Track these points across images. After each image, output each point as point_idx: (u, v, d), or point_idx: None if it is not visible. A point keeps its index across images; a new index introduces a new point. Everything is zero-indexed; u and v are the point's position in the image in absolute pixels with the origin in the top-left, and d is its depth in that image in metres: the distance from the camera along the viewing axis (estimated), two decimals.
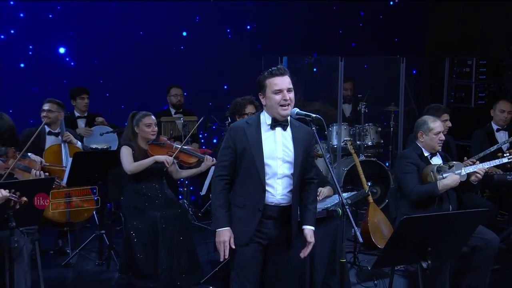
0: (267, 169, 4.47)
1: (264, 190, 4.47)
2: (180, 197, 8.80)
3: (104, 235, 7.22)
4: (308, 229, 4.57)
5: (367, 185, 7.18)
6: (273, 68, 4.52)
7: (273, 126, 4.50)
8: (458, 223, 4.48)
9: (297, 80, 9.55)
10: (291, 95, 4.46)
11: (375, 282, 6.39)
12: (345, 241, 4.75)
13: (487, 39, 10.14)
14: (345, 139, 8.48)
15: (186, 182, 9.01)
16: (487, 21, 10.19)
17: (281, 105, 4.44)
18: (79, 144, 7.61)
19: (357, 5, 11.19)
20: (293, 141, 4.53)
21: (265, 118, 4.53)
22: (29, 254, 5.97)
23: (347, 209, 4.32)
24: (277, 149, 4.50)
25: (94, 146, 7.92)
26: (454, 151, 7.13)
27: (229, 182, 4.58)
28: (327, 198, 6.29)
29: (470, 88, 9.77)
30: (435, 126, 5.93)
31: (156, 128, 6.87)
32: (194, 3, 10.17)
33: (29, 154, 6.84)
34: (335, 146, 8.81)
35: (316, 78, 10.29)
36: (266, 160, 4.47)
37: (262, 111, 4.62)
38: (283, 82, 4.44)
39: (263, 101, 4.55)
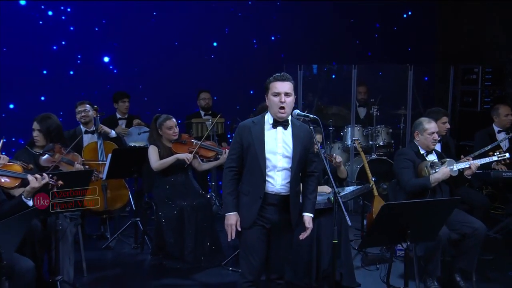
0: (268, 163, 4.63)
1: (265, 181, 4.62)
2: (209, 190, 8.94)
3: (139, 222, 7.42)
4: (307, 216, 4.71)
5: (372, 180, 7.17)
6: (277, 74, 4.69)
7: (274, 125, 4.65)
8: (432, 209, 4.62)
9: (316, 86, 9.64)
10: (288, 99, 4.59)
11: (377, 266, 6.46)
12: (354, 230, 4.98)
13: (493, 48, 10.06)
14: (353, 138, 8.47)
15: (216, 177, 9.03)
16: (493, 32, 10.09)
17: (279, 108, 4.59)
18: (113, 133, 7.78)
19: (373, 18, 11.19)
20: (292, 138, 4.66)
21: (268, 118, 4.69)
22: (73, 237, 6.20)
23: (338, 197, 4.45)
24: (278, 145, 4.64)
25: (132, 144, 8.09)
26: (453, 150, 7.13)
27: (237, 173, 4.74)
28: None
29: (476, 93, 9.82)
30: (429, 127, 6.00)
31: (177, 129, 7.03)
32: (224, 16, 10.26)
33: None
34: (349, 146, 8.87)
35: (334, 84, 10.21)
36: (267, 155, 4.62)
37: (267, 112, 4.76)
38: (282, 86, 4.59)
39: (267, 102, 4.72)
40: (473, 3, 10.49)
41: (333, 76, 10.32)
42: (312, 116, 4.70)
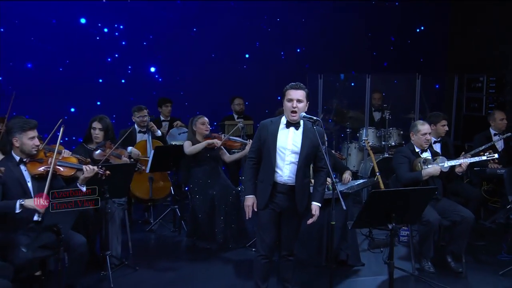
0: (278, 156, 4.82)
1: (274, 171, 4.83)
2: (240, 184, 8.88)
3: (177, 209, 7.61)
4: (314, 205, 4.87)
5: (377, 174, 7.13)
6: (292, 83, 4.88)
7: (287, 125, 4.84)
8: (413, 196, 4.75)
9: (336, 92, 9.76)
10: (300, 104, 4.77)
11: (382, 249, 6.58)
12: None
13: (496, 59, 9.99)
14: (363, 138, 8.44)
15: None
16: (497, 45, 10.01)
17: (291, 112, 4.78)
18: (159, 132, 7.95)
19: (388, 32, 11.20)
20: (302, 138, 4.83)
21: (283, 120, 4.89)
22: (120, 219, 6.43)
23: (336, 186, 4.66)
24: (288, 142, 4.82)
25: (173, 143, 8.22)
26: (451, 149, 7.17)
27: (255, 162, 4.95)
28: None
29: (481, 100, 9.87)
30: (422, 129, 6.14)
31: (209, 126, 7.18)
32: (255, 31, 10.41)
33: (129, 148, 7.30)
34: (364, 145, 8.78)
35: (352, 91, 10.15)
36: (278, 149, 4.82)
37: (282, 115, 4.96)
38: (296, 94, 4.78)
39: (283, 106, 4.90)
40: (480, 20, 10.43)
41: (352, 84, 10.28)
42: (315, 118, 4.79)
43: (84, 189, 5.21)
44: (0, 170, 4.93)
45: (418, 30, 11.40)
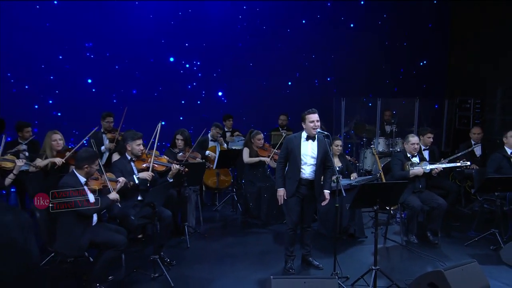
0: (302, 160, 5.07)
1: (300, 171, 5.06)
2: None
3: (235, 195, 7.84)
4: (326, 192, 5.12)
5: (380, 171, 7.19)
6: (309, 109, 5.07)
7: (307, 138, 5.10)
8: (391, 188, 4.93)
9: (356, 111, 10.11)
10: (318, 123, 5.00)
11: (381, 227, 6.50)
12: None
13: (482, 86, 10.03)
14: (371, 146, 8.39)
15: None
16: (481, 76, 10.02)
17: (313, 129, 5.00)
18: (225, 145, 8.13)
19: (398, 65, 11.16)
20: (317, 147, 5.08)
21: (304, 134, 5.11)
22: (195, 202, 6.81)
23: (339, 180, 4.86)
24: (308, 150, 5.07)
25: (234, 147, 8.30)
26: (437, 155, 7.05)
27: (284, 165, 5.16)
28: (354, 179, 6.57)
29: (469, 117, 9.94)
30: (412, 140, 6.35)
31: (263, 140, 7.31)
32: (296, 65, 10.48)
33: (207, 152, 7.55)
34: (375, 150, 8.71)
35: (369, 110, 10.13)
36: (302, 156, 5.07)
37: (303, 131, 5.14)
38: (314, 116, 5.02)
39: (304, 126, 5.08)
40: (469, 57, 10.36)
41: (370, 104, 10.18)
42: (326, 132, 5.02)
43: (171, 180, 5.57)
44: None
45: (421, 64, 11.35)
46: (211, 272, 5.33)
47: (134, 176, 5.29)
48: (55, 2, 8.63)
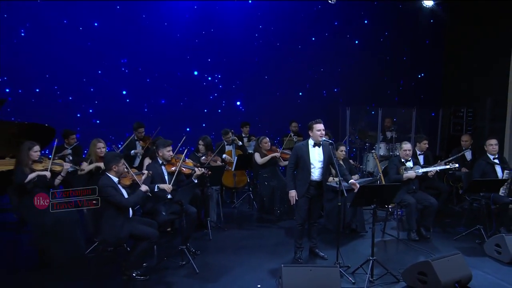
0: (311, 165, 5.19)
1: (309, 174, 5.18)
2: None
3: (251, 194, 7.99)
4: (352, 181, 5.21)
5: (380, 174, 7.13)
6: (316, 119, 5.21)
7: (314, 145, 5.22)
8: (386, 189, 5.11)
9: (360, 119, 10.09)
10: (324, 131, 5.15)
11: (381, 223, 6.68)
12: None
13: (474, 97, 10.02)
14: (372, 151, 8.44)
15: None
16: (473, 88, 10.03)
17: (320, 136, 5.13)
18: (240, 143, 8.12)
19: (398, 77, 11.14)
20: (323, 152, 5.23)
21: (311, 142, 5.23)
22: (216, 200, 6.92)
23: (340, 182, 4.99)
24: (315, 155, 5.21)
25: (250, 151, 8.22)
26: (431, 159, 7.23)
27: (294, 169, 5.28)
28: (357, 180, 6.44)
29: (462, 125, 9.98)
30: (404, 147, 6.50)
31: (269, 143, 7.33)
32: (306, 77, 10.50)
33: (224, 155, 7.50)
34: (377, 154, 8.71)
35: (372, 118, 10.12)
36: (311, 161, 5.20)
37: (309, 138, 5.25)
38: (321, 126, 5.17)
39: (311, 134, 5.20)
40: (462, 70, 10.35)
41: (373, 112, 10.19)
42: (330, 141, 5.20)
43: (196, 181, 5.71)
44: (148, 173, 5.36)
45: (419, 76, 11.31)
46: (230, 260, 5.48)
47: (156, 185, 5.38)
48: (96, 24, 8.94)
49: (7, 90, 8.29)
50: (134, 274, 4.89)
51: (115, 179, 4.89)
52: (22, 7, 8.30)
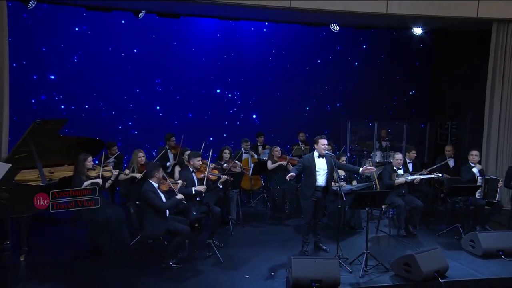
0: (316, 173, 5.33)
1: (315, 180, 5.31)
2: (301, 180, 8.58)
3: (265, 195, 7.92)
4: (362, 168, 5.40)
5: (375, 179, 6.87)
6: (322, 135, 5.36)
7: (318, 157, 5.36)
8: (378, 194, 5.34)
9: (359, 130, 9.87)
10: (328, 146, 5.38)
11: (375, 221, 6.71)
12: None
13: (459, 111, 10.00)
14: (368, 159, 8.49)
15: (301, 179, 8.43)
16: (460, 101, 9.94)
17: (324, 150, 5.28)
18: (255, 156, 8.15)
19: (392, 93, 11.05)
20: (326, 163, 5.36)
21: (316, 154, 5.36)
22: (236, 200, 6.90)
23: (340, 187, 5.17)
24: (320, 165, 5.34)
25: (264, 158, 8.09)
26: (418, 168, 7.18)
27: (297, 170, 5.32)
28: (355, 185, 6.69)
29: (447, 135, 9.98)
30: (396, 157, 6.61)
31: (280, 151, 7.38)
32: (312, 94, 10.53)
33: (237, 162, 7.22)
34: (375, 161, 8.73)
35: (369, 129, 9.68)
36: (316, 169, 5.33)
37: (314, 151, 5.38)
38: (325, 141, 5.33)
39: (316, 147, 5.35)
40: (447, 88, 10.32)
41: (370, 124, 9.63)
42: (332, 154, 5.39)
43: (220, 186, 5.89)
44: (183, 182, 5.42)
45: (411, 93, 11.19)
46: (248, 252, 5.62)
47: (193, 188, 5.52)
48: (135, 50, 9.31)
49: (62, 106, 8.74)
50: (171, 263, 5.11)
51: (155, 185, 5.13)
52: (75, 38, 8.76)
